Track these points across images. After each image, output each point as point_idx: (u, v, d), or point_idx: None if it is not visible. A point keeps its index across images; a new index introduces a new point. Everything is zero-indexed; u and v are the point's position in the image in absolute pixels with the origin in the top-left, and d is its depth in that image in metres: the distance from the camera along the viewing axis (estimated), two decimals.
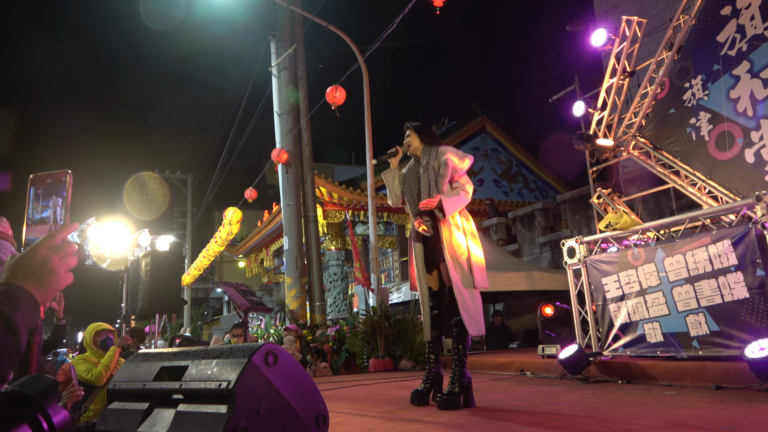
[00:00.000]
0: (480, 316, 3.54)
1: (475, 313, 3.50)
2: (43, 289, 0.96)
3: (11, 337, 0.87)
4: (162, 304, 6.10)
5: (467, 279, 3.51)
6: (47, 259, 0.97)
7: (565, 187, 18.96)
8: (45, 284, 0.96)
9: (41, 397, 0.76)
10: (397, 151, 3.92)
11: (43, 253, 0.97)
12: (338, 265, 16.17)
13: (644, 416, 2.90)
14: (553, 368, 5.34)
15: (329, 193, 14.57)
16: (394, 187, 3.91)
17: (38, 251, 0.97)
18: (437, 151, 3.75)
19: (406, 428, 2.84)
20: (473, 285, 3.51)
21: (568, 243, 5.59)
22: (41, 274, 0.96)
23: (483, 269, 3.62)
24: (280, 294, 23.99)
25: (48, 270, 0.96)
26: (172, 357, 1.59)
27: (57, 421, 0.75)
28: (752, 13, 5.70)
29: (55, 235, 1.00)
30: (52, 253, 0.98)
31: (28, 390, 0.76)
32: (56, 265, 0.97)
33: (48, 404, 0.76)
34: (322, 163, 26.90)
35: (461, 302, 3.46)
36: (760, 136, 5.57)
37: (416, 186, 3.77)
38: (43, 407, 0.75)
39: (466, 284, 3.50)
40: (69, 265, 1.00)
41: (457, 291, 3.47)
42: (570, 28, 8.32)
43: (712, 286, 4.31)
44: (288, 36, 11.26)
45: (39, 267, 0.96)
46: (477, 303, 3.54)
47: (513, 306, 12.26)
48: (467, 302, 3.48)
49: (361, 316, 8.77)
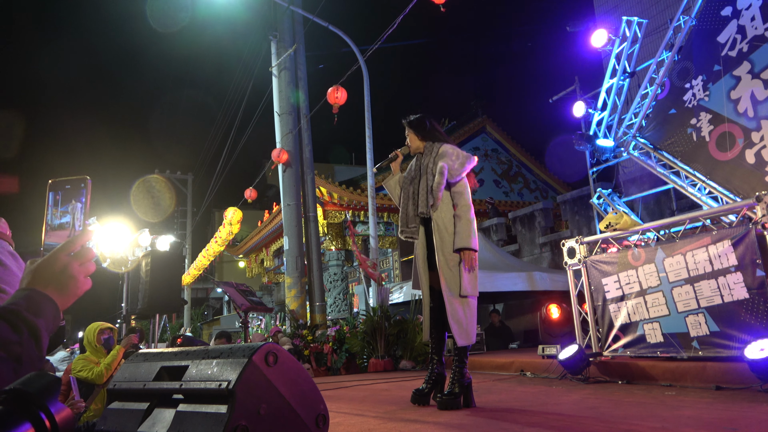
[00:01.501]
0: (471, 325, 3.43)
1: (466, 323, 3.39)
2: (64, 294, 0.97)
3: (34, 343, 0.88)
4: (162, 303, 6.11)
5: (455, 286, 3.39)
6: (68, 265, 0.98)
7: (566, 187, 18.97)
8: (66, 290, 0.98)
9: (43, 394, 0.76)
10: (396, 156, 3.80)
11: (64, 260, 0.98)
12: (338, 265, 16.18)
13: (644, 417, 2.90)
14: (553, 369, 5.34)
15: (329, 193, 14.58)
16: (396, 193, 3.82)
17: (59, 257, 0.98)
18: (438, 151, 3.60)
19: (406, 428, 2.85)
20: (460, 293, 3.39)
21: (568, 243, 5.60)
22: (62, 280, 0.97)
23: (474, 276, 3.49)
24: (280, 294, 24.00)
25: (68, 276, 0.98)
26: (172, 357, 1.59)
27: (59, 419, 0.76)
28: (753, 14, 5.70)
29: (74, 242, 1.01)
30: (72, 260, 0.99)
31: (30, 387, 0.77)
32: (76, 271, 0.99)
33: (50, 401, 0.76)
34: (322, 163, 26.93)
35: (451, 312, 3.36)
36: (760, 136, 5.57)
37: (414, 186, 3.65)
38: (45, 404, 0.75)
39: (455, 292, 3.39)
40: (88, 270, 1.01)
41: (447, 300, 3.38)
42: (570, 28, 8.33)
43: (712, 287, 4.31)
44: (288, 36, 11.27)
45: (60, 273, 0.97)
46: (468, 312, 3.42)
47: (513, 306, 12.26)
48: (457, 312, 3.38)
49: (361, 316, 8.77)
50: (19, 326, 0.87)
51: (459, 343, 3.38)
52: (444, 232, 3.47)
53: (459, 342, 3.38)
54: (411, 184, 3.68)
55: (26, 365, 0.85)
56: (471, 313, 3.45)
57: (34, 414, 0.74)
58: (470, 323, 3.43)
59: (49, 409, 0.76)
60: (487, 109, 19.81)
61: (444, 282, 3.41)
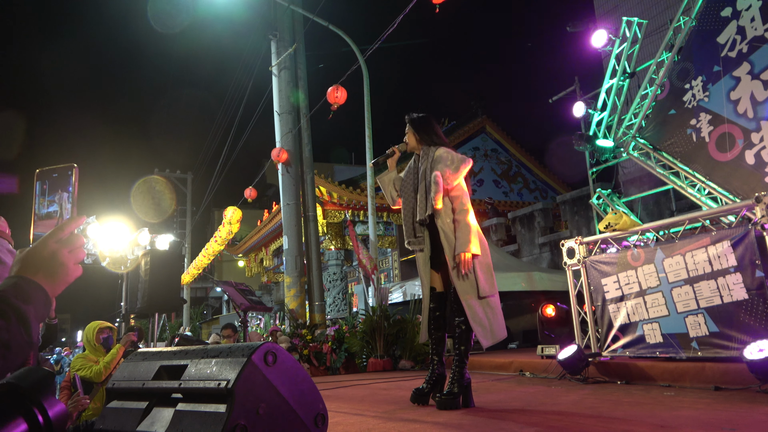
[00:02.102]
0: (496, 323, 3.39)
1: (488, 324, 3.35)
2: (54, 281, 0.97)
3: (23, 329, 0.88)
4: (161, 303, 6.11)
5: (473, 289, 3.38)
6: (56, 252, 0.98)
7: (565, 187, 18.98)
8: (55, 277, 0.97)
9: (36, 389, 0.76)
10: (393, 152, 3.81)
11: (53, 246, 0.98)
12: (338, 265, 16.18)
13: (643, 417, 2.90)
14: (552, 369, 5.34)
15: (329, 193, 14.58)
16: (389, 190, 3.84)
17: (47, 244, 0.98)
18: (433, 156, 3.58)
19: (404, 428, 2.85)
20: (478, 295, 3.37)
21: (568, 243, 5.60)
22: (51, 267, 0.97)
23: (490, 274, 3.48)
24: (279, 293, 23.99)
25: (58, 263, 0.98)
26: (171, 356, 1.59)
27: (53, 414, 0.76)
28: (753, 14, 5.70)
29: (63, 228, 1.01)
30: (61, 246, 0.99)
31: (23, 382, 0.76)
32: (65, 258, 0.99)
33: (43, 396, 0.76)
34: (322, 163, 26.89)
35: (471, 315, 3.33)
36: (760, 137, 5.57)
37: (413, 194, 3.64)
38: (38, 399, 0.75)
39: (473, 294, 3.37)
40: (78, 257, 1.01)
41: (465, 304, 3.35)
42: (570, 28, 8.32)
43: (711, 287, 4.31)
44: (288, 35, 11.27)
45: (49, 260, 0.97)
46: (490, 312, 3.39)
47: (512, 306, 12.25)
48: (477, 314, 3.34)
49: (360, 316, 8.77)
50: (6, 312, 0.87)
51: (484, 344, 3.33)
52: (451, 237, 3.45)
53: (484, 344, 3.33)
54: (412, 192, 3.67)
55: (15, 351, 0.85)
56: (493, 312, 3.43)
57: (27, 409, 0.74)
58: (494, 322, 3.40)
59: (42, 405, 0.75)
60: (487, 109, 19.81)
61: (459, 287, 3.39)
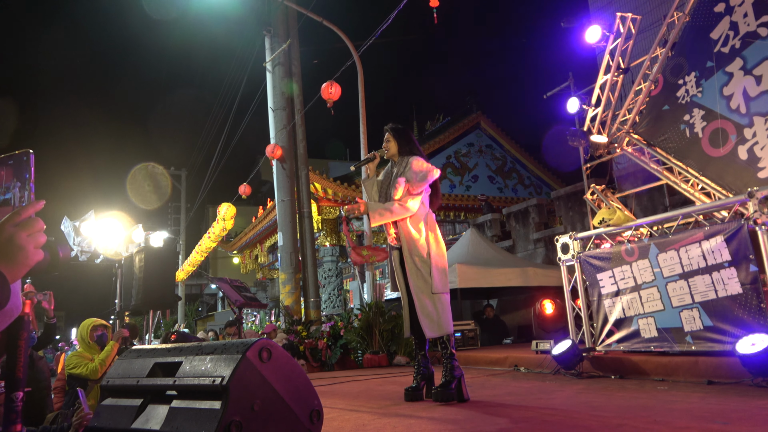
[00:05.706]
0: (442, 317, 3.60)
1: (437, 317, 3.58)
2: (12, 265, 0.96)
3: None
4: (156, 300, 6.06)
5: (427, 286, 3.61)
6: (14, 235, 0.97)
7: (560, 183, 19.01)
8: (14, 261, 0.96)
9: None
10: (374, 157, 3.97)
11: (9, 230, 0.97)
12: (333, 261, 16.16)
13: (636, 411, 2.92)
14: (547, 364, 5.36)
15: (324, 189, 14.56)
16: (372, 194, 3.98)
17: (4, 228, 0.97)
18: (407, 163, 3.78)
19: (400, 423, 2.85)
20: (432, 291, 3.61)
21: (562, 239, 5.61)
22: (9, 251, 0.96)
23: (444, 274, 3.72)
24: (274, 290, 23.95)
25: (16, 246, 0.96)
26: (165, 353, 1.58)
27: None
28: (745, 10, 5.72)
29: (20, 212, 0.99)
30: (19, 230, 0.97)
31: None
32: (24, 242, 0.97)
33: None
34: (316, 159, 26.83)
35: (420, 308, 3.59)
36: (753, 133, 5.59)
37: (386, 196, 3.86)
38: None
39: (426, 291, 3.61)
40: (38, 241, 0.99)
41: (416, 298, 3.60)
42: (564, 24, 8.33)
43: (706, 282, 4.33)
44: (282, 31, 11.21)
45: (6, 244, 0.96)
46: (440, 306, 3.61)
47: (507, 302, 12.29)
48: (427, 307, 3.60)
49: (356, 312, 8.78)
50: None
51: (428, 335, 3.59)
52: (409, 238, 3.68)
53: (428, 335, 3.58)
54: (386, 194, 3.89)
55: None
56: (443, 307, 3.64)
57: None
58: (442, 316, 3.61)
59: None
60: (481, 104, 19.80)
61: (413, 283, 3.63)
